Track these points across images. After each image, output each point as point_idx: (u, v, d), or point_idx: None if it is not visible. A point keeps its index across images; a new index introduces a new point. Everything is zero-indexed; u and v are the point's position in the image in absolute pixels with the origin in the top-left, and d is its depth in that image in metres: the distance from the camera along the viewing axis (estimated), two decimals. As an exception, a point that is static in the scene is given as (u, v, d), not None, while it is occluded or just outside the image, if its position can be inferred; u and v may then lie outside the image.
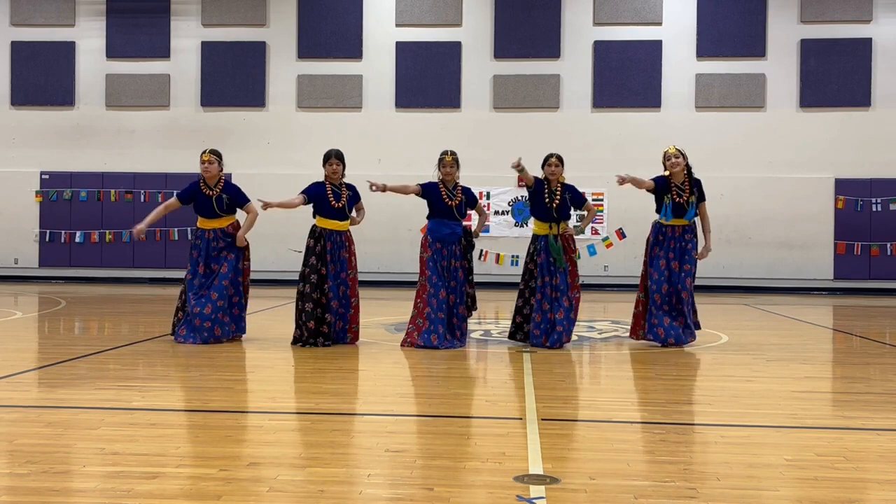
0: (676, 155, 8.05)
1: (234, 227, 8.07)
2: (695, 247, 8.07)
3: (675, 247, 8.02)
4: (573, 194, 8.01)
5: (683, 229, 8.04)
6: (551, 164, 7.94)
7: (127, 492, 3.33)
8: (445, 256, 7.76)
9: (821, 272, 17.25)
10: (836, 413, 5.27)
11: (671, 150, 8.12)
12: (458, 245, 7.83)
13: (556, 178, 7.95)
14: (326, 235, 7.81)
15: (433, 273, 7.69)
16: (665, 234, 8.06)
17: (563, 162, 8.00)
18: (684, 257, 8.00)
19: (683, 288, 7.95)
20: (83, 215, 18.13)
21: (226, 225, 8.04)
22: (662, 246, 8.05)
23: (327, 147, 8.55)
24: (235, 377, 6.26)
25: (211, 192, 7.93)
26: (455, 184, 7.95)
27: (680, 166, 8.02)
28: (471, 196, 8.01)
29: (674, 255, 8.02)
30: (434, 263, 7.71)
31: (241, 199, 8.06)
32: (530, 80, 17.81)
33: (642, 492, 3.41)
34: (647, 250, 8.16)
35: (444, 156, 7.97)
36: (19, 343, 8.34)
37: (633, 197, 14.96)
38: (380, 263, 17.18)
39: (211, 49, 18.26)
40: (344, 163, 8.01)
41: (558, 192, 7.92)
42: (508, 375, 6.39)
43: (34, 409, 4.97)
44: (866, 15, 17.37)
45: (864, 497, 3.43)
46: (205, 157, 7.94)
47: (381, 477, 3.63)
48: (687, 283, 7.97)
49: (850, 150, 17.29)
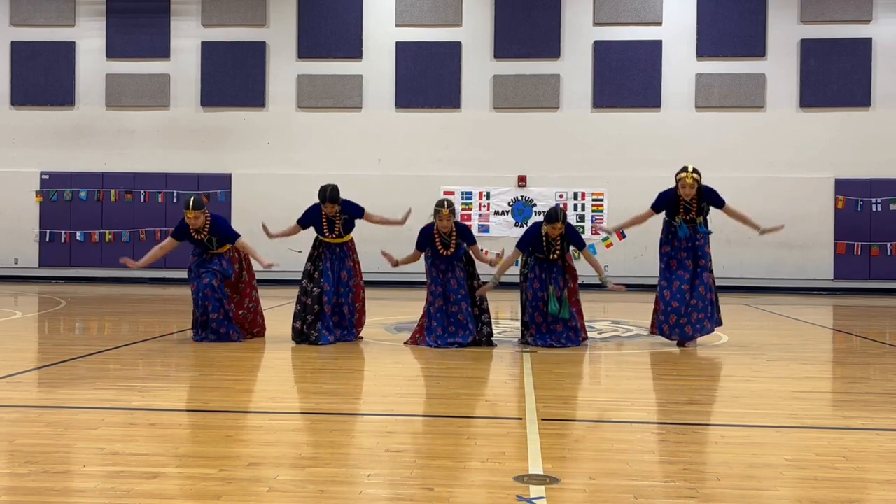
0: (693, 185, 7.74)
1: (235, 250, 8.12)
2: (707, 243, 8.01)
3: (688, 245, 7.95)
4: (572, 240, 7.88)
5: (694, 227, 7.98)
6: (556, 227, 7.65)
7: (127, 492, 3.33)
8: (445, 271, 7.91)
9: (821, 272, 17.25)
10: (836, 413, 5.27)
11: (689, 181, 7.73)
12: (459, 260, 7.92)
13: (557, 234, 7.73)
14: (326, 246, 8.07)
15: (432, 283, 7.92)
16: (673, 233, 7.98)
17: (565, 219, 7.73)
18: (697, 253, 7.94)
19: (702, 283, 7.87)
20: (83, 215, 18.12)
21: (224, 251, 8.10)
22: (673, 245, 7.99)
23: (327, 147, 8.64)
24: (235, 377, 6.26)
25: (200, 237, 7.97)
26: (450, 231, 7.81)
27: (690, 196, 7.81)
28: (467, 236, 7.91)
29: (686, 255, 7.95)
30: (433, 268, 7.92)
31: (231, 237, 8.03)
32: (530, 80, 17.80)
33: (642, 492, 3.41)
34: (659, 248, 8.11)
35: (440, 208, 7.74)
36: (19, 343, 8.34)
37: (633, 197, 14.96)
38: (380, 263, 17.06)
39: (211, 49, 18.26)
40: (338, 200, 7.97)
41: (557, 244, 7.79)
42: (508, 375, 6.39)
43: (34, 409, 4.97)
44: (866, 15, 17.36)
45: (864, 497, 3.43)
46: (189, 216, 7.78)
47: (381, 477, 3.63)
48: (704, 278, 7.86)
49: (850, 150, 17.28)
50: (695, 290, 7.89)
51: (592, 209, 17.48)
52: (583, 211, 17.27)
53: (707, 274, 7.95)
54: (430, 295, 7.89)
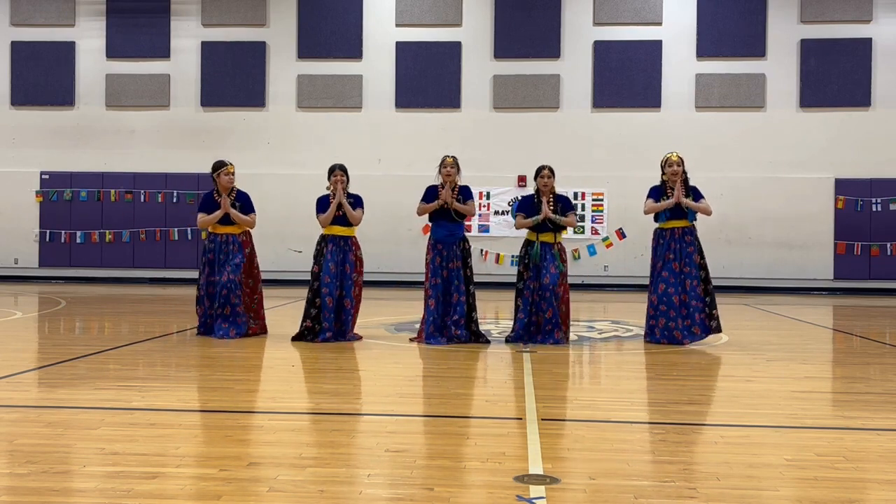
0: (678, 163, 8.13)
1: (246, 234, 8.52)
2: (696, 249, 8.10)
3: (675, 248, 8.08)
4: (564, 204, 8.22)
5: (683, 231, 8.10)
6: (544, 176, 8.18)
7: (127, 492, 3.33)
8: (445, 258, 8.04)
9: (821, 272, 17.25)
10: (836, 413, 5.27)
11: (674, 158, 8.17)
12: (458, 246, 8.10)
13: (549, 189, 8.14)
14: (330, 240, 8.21)
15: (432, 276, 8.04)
16: (664, 238, 8.18)
17: (554, 173, 8.23)
18: (685, 259, 8.04)
19: (684, 290, 7.98)
20: (83, 215, 18.13)
21: (238, 232, 8.43)
22: (663, 249, 8.15)
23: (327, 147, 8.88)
24: (235, 377, 6.26)
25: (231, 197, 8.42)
26: (455, 185, 8.15)
27: (679, 174, 8.11)
28: (466, 193, 8.22)
29: (673, 256, 8.07)
30: (434, 266, 8.05)
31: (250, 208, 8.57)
32: (530, 80, 17.81)
33: (642, 492, 3.41)
34: (651, 256, 8.29)
35: (445, 157, 8.22)
36: (19, 343, 8.34)
37: (632, 197, 14.98)
38: (380, 263, 17.16)
39: (211, 49, 18.26)
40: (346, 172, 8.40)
41: (551, 202, 8.10)
42: (508, 375, 6.39)
43: (34, 409, 4.97)
44: (866, 15, 17.37)
45: (864, 497, 3.43)
46: (230, 170, 8.45)
47: (381, 477, 3.63)
48: (687, 286, 7.99)
49: (850, 150, 17.29)
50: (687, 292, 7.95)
51: (592, 209, 17.48)
52: (583, 211, 17.27)
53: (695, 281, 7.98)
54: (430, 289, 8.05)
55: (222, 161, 8.56)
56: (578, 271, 16.66)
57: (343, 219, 8.22)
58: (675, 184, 8.08)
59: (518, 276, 8.22)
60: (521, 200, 8.38)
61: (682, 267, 8.04)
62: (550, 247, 8.11)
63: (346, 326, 8.16)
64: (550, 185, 8.15)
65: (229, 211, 8.33)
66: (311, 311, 8.10)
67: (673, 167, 8.10)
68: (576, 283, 14.42)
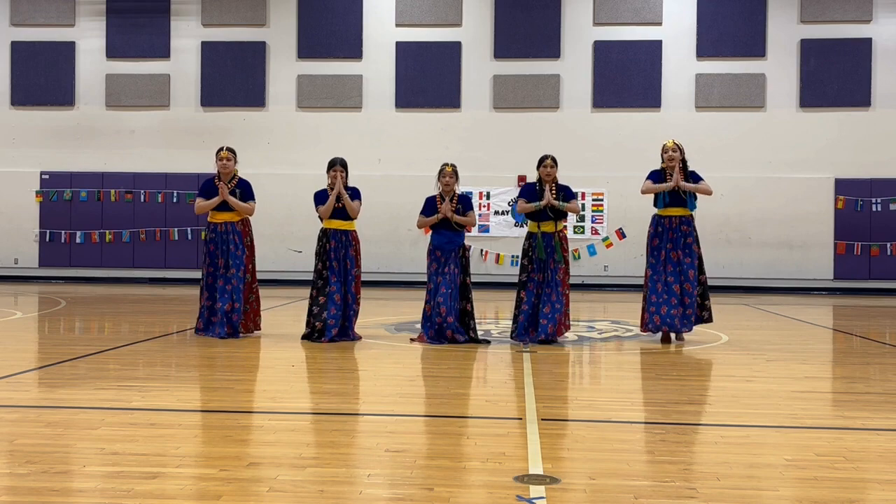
0: (674, 149, 8.20)
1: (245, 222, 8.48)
2: (695, 239, 8.15)
3: (675, 237, 8.12)
4: (566, 194, 8.25)
5: (681, 220, 8.14)
6: (546, 166, 8.20)
7: (127, 492, 3.33)
8: (443, 264, 8.06)
9: (821, 272, 17.25)
10: (836, 413, 5.27)
11: (669, 144, 8.27)
12: (456, 253, 8.10)
13: (551, 178, 8.15)
14: (331, 235, 8.19)
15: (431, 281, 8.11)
16: (663, 226, 8.20)
17: (557, 163, 8.26)
18: (685, 249, 8.07)
19: (686, 280, 8.02)
20: (83, 215, 18.13)
21: (236, 220, 8.38)
22: (661, 237, 8.19)
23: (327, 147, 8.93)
24: (235, 377, 6.26)
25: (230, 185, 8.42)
26: (453, 194, 8.17)
27: (676, 160, 8.14)
28: (466, 203, 8.22)
29: (672, 246, 8.12)
30: (431, 273, 8.12)
31: (250, 195, 8.53)
32: (530, 80, 17.81)
33: (642, 492, 3.41)
34: (648, 242, 8.29)
35: (444, 166, 8.21)
36: (19, 343, 8.34)
37: (632, 197, 14.97)
38: (379, 263, 17.17)
39: (211, 49, 18.26)
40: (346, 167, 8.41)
41: (553, 191, 8.12)
42: (508, 375, 6.39)
43: (34, 409, 4.97)
44: (866, 15, 17.36)
45: (864, 497, 3.43)
46: (223, 155, 8.49)
47: (381, 477, 3.63)
48: (690, 275, 8.03)
49: (849, 150, 17.29)
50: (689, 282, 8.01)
51: (592, 209, 17.48)
52: (583, 211, 17.27)
53: (693, 271, 8.03)
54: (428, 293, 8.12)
55: (220, 147, 8.66)
56: (578, 271, 16.64)
57: (342, 212, 8.19)
58: (673, 169, 8.11)
59: (521, 269, 8.24)
60: (524, 187, 8.41)
61: (682, 257, 8.08)
62: (552, 237, 8.09)
63: (349, 322, 8.18)
64: (553, 174, 8.17)
65: (227, 198, 8.28)
66: (314, 310, 8.08)
67: (668, 153, 8.18)
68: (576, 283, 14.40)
